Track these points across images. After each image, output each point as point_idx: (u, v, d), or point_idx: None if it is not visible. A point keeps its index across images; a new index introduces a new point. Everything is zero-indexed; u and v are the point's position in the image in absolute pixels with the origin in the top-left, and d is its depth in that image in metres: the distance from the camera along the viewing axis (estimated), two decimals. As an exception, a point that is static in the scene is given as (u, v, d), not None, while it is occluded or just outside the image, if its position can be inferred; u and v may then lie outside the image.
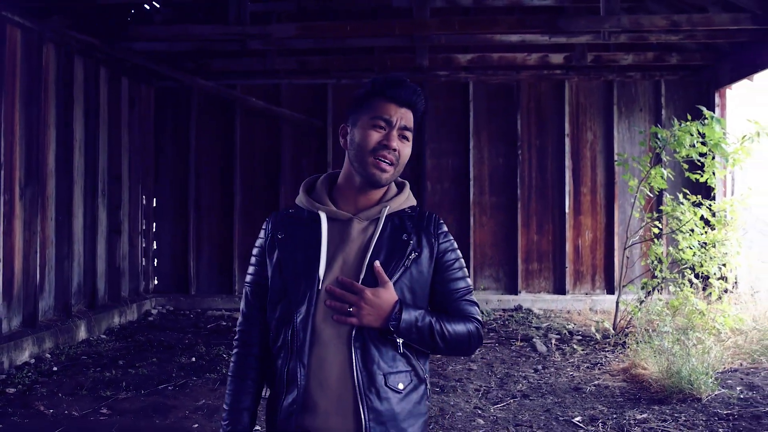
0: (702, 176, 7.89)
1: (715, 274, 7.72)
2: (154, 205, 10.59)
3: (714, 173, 8.00)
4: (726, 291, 8.08)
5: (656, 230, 8.33)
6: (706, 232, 7.74)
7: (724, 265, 7.80)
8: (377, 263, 1.87)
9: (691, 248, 7.65)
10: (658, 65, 9.89)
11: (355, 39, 8.95)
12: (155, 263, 10.61)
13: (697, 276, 7.89)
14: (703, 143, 7.57)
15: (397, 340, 1.88)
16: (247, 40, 8.66)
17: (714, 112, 9.25)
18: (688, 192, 7.98)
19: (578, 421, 5.21)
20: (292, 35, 8.11)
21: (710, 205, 7.90)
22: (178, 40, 8.80)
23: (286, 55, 9.91)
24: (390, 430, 1.89)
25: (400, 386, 1.92)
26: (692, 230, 7.74)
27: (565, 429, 5.06)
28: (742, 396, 5.68)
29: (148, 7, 9.29)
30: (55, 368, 6.68)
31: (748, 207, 7.93)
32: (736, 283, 8.87)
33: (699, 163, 7.91)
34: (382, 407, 1.88)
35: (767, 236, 10.43)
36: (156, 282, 10.61)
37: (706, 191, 8.90)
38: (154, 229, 10.59)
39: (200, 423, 5.16)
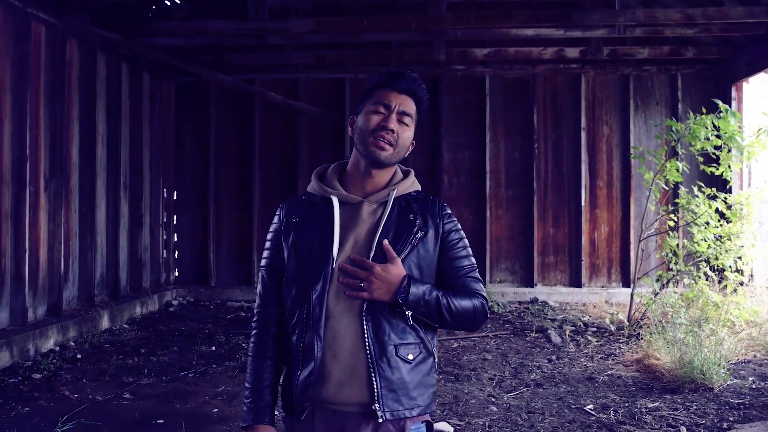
0: (717, 169, 7.90)
1: (730, 266, 7.74)
2: (175, 197, 10.78)
3: (729, 166, 8.00)
4: (741, 284, 8.09)
5: (671, 223, 8.35)
6: (721, 225, 7.75)
7: (739, 257, 7.81)
8: (386, 241, 1.99)
9: (706, 241, 7.67)
10: (674, 59, 9.89)
11: (372, 33, 9.05)
12: (176, 255, 10.80)
13: (712, 269, 7.90)
14: (718, 136, 7.57)
15: (406, 313, 1.99)
16: (266, 35, 8.79)
17: (730, 106, 9.25)
18: (703, 185, 7.98)
19: (590, 409, 5.29)
20: (309, 30, 8.23)
21: (725, 197, 7.90)
22: (197, 35, 8.94)
23: (303, 49, 10.03)
24: (401, 397, 2.00)
25: (410, 357, 2.03)
26: (707, 223, 7.75)
27: (577, 416, 5.14)
28: (754, 386, 5.73)
29: (168, 3, 9.44)
30: (79, 355, 6.86)
31: (764, 200, 7.93)
32: (751, 276, 8.87)
33: (714, 156, 7.91)
34: (393, 376, 1.99)
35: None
36: (176, 273, 10.80)
37: (721, 184, 8.90)
38: (174, 222, 10.78)
39: (220, 408, 5.30)
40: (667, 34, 8.81)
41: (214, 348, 7.30)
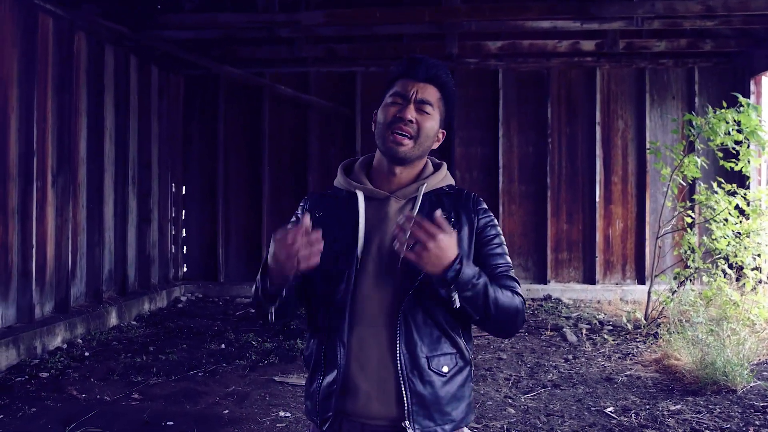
0: (737, 165, 7.74)
1: (749, 264, 7.58)
2: (183, 193, 10.66)
3: (749, 161, 7.84)
4: (760, 282, 7.92)
5: (689, 219, 8.19)
6: (740, 222, 7.59)
7: (758, 255, 7.65)
8: (438, 211, 1.75)
9: (725, 238, 7.52)
10: (691, 52, 9.70)
11: (384, 26, 8.88)
12: (184, 251, 10.69)
13: (730, 266, 7.74)
14: (739, 131, 7.41)
15: (453, 295, 1.76)
16: (276, 27, 8.65)
17: (749, 100, 9.06)
18: (722, 181, 7.81)
19: (610, 412, 5.15)
20: (320, 23, 8.08)
21: (745, 194, 7.75)
22: (206, 27, 8.81)
23: (314, 42, 9.87)
24: (433, 413, 1.86)
25: (445, 369, 1.88)
26: (726, 220, 7.60)
27: (597, 419, 5.00)
28: (778, 388, 5.58)
29: (177, -5, 9.32)
30: (86, 353, 6.75)
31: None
32: (770, 273, 8.70)
33: (734, 152, 7.74)
34: (426, 391, 1.85)
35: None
36: (185, 269, 10.69)
37: (740, 180, 8.71)
38: (183, 217, 10.67)
39: (230, 409, 5.18)
40: (686, 27, 8.61)
41: (223, 346, 7.18)
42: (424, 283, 1.85)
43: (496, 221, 2.04)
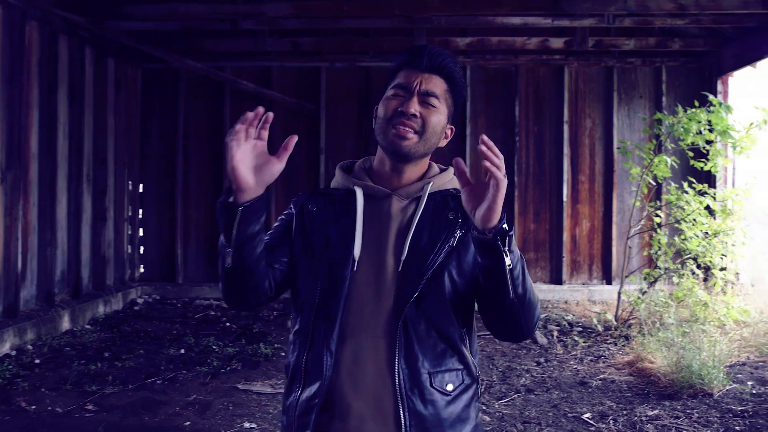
0: (706, 164, 7.71)
1: (717, 264, 7.55)
2: (141, 190, 10.26)
3: (718, 162, 7.81)
4: (728, 282, 7.90)
5: (658, 220, 8.13)
6: (709, 222, 7.55)
7: (724, 255, 7.63)
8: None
9: (697, 237, 7.47)
10: (660, 51, 9.64)
11: (351, 19, 8.64)
12: (141, 251, 10.30)
13: (698, 266, 7.70)
14: (710, 130, 7.36)
15: (504, 251, 1.52)
16: (239, 19, 8.35)
17: (719, 99, 9.04)
18: (694, 180, 7.77)
19: (588, 418, 5.00)
20: (286, 15, 7.80)
21: (714, 194, 7.72)
22: (167, 19, 8.43)
23: (278, 36, 9.56)
24: None
25: (449, 387, 1.67)
26: (695, 220, 7.55)
27: (575, 426, 4.84)
28: (754, 391, 5.50)
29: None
30: (37, 361, 6.38)
31: (751, 196, 7.75)
32: (737, 274, 8.70)
33: (705, 151, 7.70)
34: (427, 411, 1.64)
35: (766, 226, 10.30)
36: (142, 270, 10.30)
37: (706, 180, 8.68)
38: (140, 216, 10.27)
39: (192, 420, 4.90)
40: (656, 25, 8.55)
41: (183, 351, 6.87)
42: (427, 289, 1.66)
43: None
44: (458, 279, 1.70)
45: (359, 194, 1.77)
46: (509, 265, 1.53)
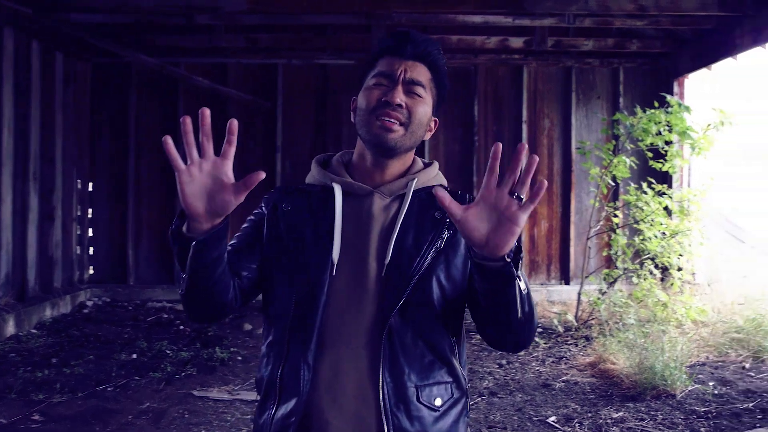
0: (664, 165, 7.75)
1: (674, 265, 7.59)
2: (90, 189, 9.91)
3: (675, 162, 7.86)
4: (685, 282, 7.97)
5: (617, 220, 8.15)
6: (666, 223, 7.60)
7: (681, 255, 7.68)
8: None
9: (656, 237, 7.50)
10: (618, 52, 9.68)
11: (310, 15, 8.45)
12: (91, 251, 9.94)
13: (656, 266, 7.74)
14: (669, 131, 7.40)
15: (517, 276, 1.41)
16: (194, 13, 8.10)
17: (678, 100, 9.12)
18: (653, 181, 7.81)
19: (553, 421, 4.93)
20: (244, 9, 7.56)
21: (671, 194, 7.77)
22: (119, 12, 8.11)
23: (234, 32, 9.31)
24: None
25: (437, 402, 1.54)
26: (653, 220, 7.59)
27: (541, 430, 4.77)
28: (716, 392, 5.50)
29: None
30: (-21, 368, 6.07)
31: (707, 197, 7.83)
32: (694, 274, 8.79)
33: (664, 152, 7.74)
34: (413, 429, 1.50)
35: (721, 227, 10.46)
36: (92, 272, 9.94)
37: (664, 180, 8.75)
38: (90, 216, 9.92)
39: (146, 429, 4.68)
40: (615, 25, 8.56)
41: (135, 356, 6.61)
42: (413, 295, 1.53)
43: None
44: (447, 284, 1.58)
45: (338, 191, 1.63)
46: (524, 290, 1.43)
